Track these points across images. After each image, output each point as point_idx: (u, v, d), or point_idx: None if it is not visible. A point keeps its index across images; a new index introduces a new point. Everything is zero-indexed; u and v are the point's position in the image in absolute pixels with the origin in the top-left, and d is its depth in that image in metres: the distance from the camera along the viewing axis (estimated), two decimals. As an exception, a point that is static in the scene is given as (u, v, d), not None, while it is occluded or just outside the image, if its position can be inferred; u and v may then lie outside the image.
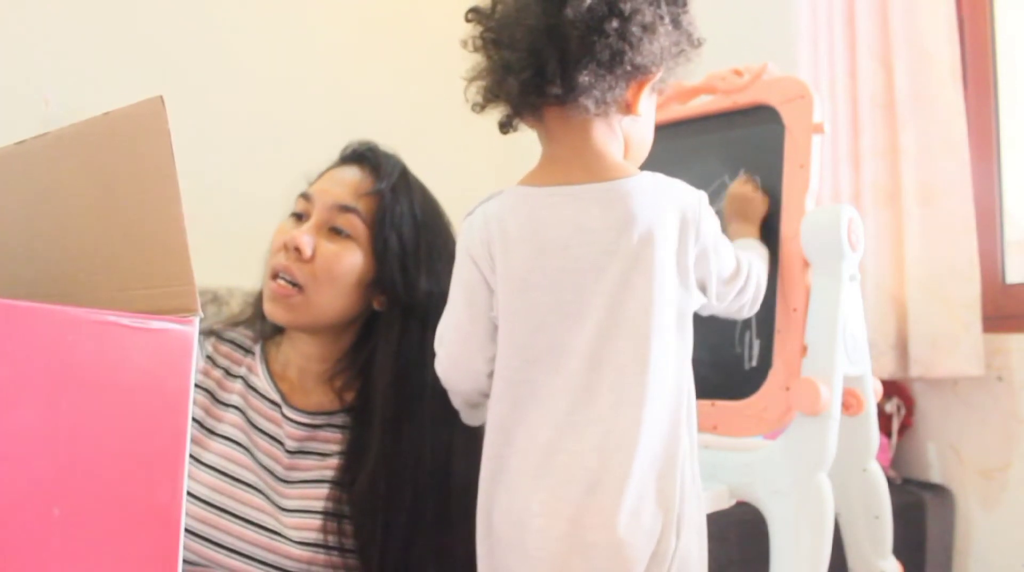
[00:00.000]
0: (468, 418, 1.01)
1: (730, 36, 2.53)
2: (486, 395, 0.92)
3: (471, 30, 0.90)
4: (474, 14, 0.90)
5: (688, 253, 0.88)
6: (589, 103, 0.86)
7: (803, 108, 1.09)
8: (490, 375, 0.91)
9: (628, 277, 0.85)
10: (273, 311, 1.13)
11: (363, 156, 1.18)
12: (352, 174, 1.16)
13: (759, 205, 1.11)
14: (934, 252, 1.83)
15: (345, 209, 1.12)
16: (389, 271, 1.12)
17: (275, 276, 1.12)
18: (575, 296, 0.86)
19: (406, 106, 3.20)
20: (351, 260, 1.12)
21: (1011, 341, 1.82)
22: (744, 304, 1.00)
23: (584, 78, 0.84)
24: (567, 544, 0.81)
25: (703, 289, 0.92)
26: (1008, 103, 1.91)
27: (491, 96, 0.90)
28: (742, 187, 1.12)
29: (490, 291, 0.90)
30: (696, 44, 0.92)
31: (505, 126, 0.93)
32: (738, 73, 1.15)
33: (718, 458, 1.06)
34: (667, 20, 0.88)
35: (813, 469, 0.98)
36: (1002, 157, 1.91)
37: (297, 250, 1.10)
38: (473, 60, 0.92)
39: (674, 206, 0.88)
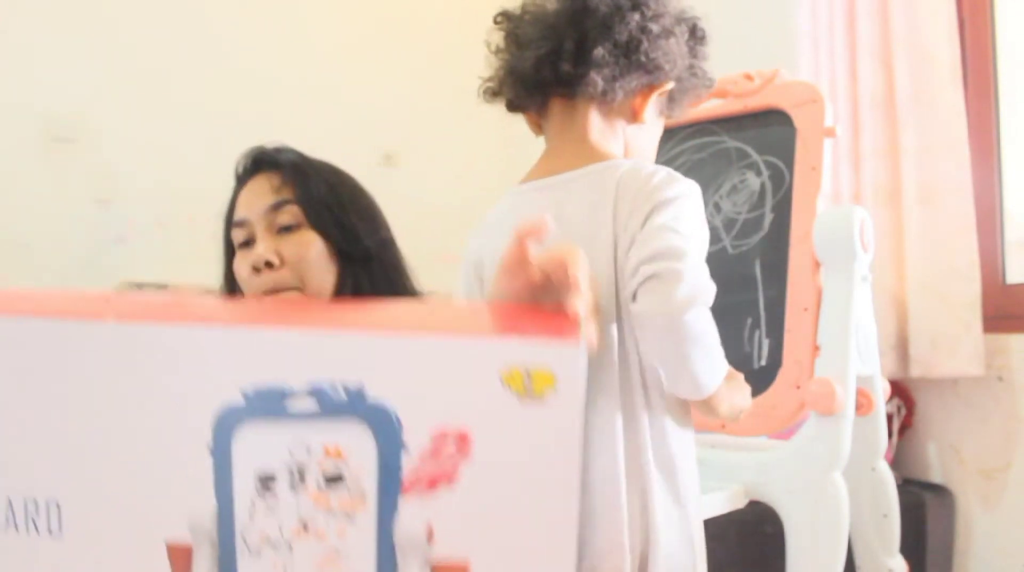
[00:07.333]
0: None
1: (731, 36, 2.53)
2: None
3: (495, 34, 0.94)
4: (503, 17, 0.94)
5: (637, 225, 0.84)
6: (599, 79, 0.89)
7: (815, 112, 1.10)
8: None
9: (595, 261, 0.85)
10: None
11: (256, 164, 1.17)
12: (260, 180, 1.15)
13: None
14: (934, 252, 1.83)
15: (278, 205, 1.11)
16: (329, 230, 1.13)
17: (267, 293, 1.13)
18: None
19: (408, 108, 3.19)
20: (311, 242, 1.11)
21: (1011, 341, 1.83)
22: (672, 310, 0.77)
23: (599, 53, 0.88)
24: None
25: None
26: (1008, 103, 1.92)
27: (503, 75, 0.93)
28: None
29: (481, 287, 0.95)
30: (707, 83, 0.95)
31: (513, 105, 0.96)
32: (749, 78, 1.15)
33: (733, 458, 1.06)
34: (683, 42, 0.92)
35: (828, 468, 0.99)
36: (1002, 157, 1.92)
37: (268, 264, 1.10)
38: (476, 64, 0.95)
39: (639, 190, 0.86)
